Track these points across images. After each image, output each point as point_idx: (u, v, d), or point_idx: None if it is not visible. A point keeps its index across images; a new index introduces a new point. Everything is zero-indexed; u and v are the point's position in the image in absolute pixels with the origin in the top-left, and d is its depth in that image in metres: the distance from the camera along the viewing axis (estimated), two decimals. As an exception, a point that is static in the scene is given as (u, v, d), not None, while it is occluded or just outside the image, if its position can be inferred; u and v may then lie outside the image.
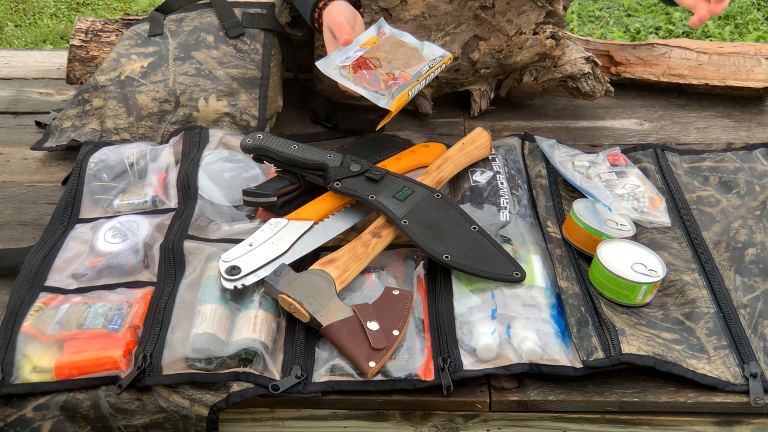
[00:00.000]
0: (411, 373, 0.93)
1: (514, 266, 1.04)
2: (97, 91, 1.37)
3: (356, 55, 1.21)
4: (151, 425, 0.92)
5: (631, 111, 1.49)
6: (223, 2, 1.42)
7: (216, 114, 1.33)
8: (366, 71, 1.20)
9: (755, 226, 1.15)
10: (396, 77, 1.20)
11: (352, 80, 1.19)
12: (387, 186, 1.11)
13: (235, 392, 0.91)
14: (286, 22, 1.42)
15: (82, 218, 1.17)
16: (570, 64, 1.39)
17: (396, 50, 1.24)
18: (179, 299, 1.00)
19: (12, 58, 1.69)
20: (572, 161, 1.25)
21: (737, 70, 1.47)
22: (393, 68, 1.21)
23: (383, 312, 0.97)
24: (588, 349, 0.95)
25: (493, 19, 1.37)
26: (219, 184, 1.19)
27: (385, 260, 1.08)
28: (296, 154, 1.14)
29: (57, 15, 3.38)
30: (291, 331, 0.98)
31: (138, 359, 0.92)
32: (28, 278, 1.04)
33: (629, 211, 1.13)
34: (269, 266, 1.02)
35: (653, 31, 3.07)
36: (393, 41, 1.26)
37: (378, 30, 1.27)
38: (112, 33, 1.50)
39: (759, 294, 1.04)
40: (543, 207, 1.17)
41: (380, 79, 1.19)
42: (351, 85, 1.19)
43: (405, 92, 1.19)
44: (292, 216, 1.10)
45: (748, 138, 1.39)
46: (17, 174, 1.33)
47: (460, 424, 0.96)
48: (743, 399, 0.92)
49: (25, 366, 0.93)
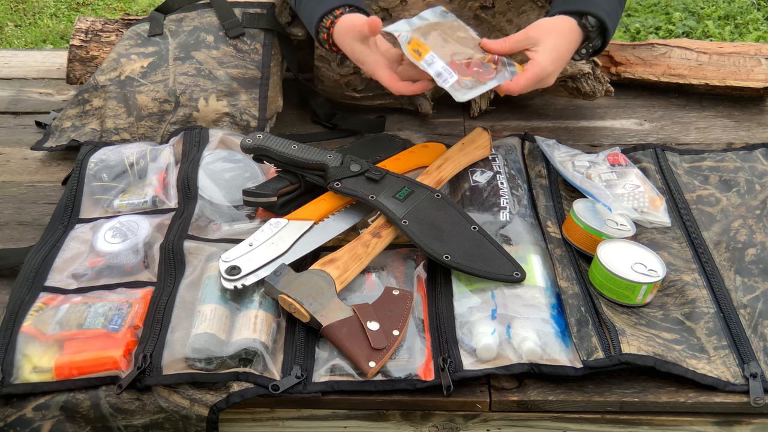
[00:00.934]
0: (411, 373, 0.93)
1: (514, 266, 1.04)
2: (97, 91, 1.37)
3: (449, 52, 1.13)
4: (151, 425, 0.92)
5: (631, 111, 1.49)
6: (223, 2, 1.42)
7: (216, 114, 1.33)
8: (475, 66, 1.14)
9: (755, 225, 1.15)
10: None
11: (471, 85, 1.11)
12: (387, 186, 1.11)
13: (235, 392, 0.91)
14: (286, 22, 1.42)
15: (82, 218, 1.17)
16: (570, 64, 1.39)
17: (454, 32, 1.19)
18: (179, 299, 1.00)
19: (12, 58, 1.69)
20: (572, 161, 1.25)
21: (737, 70, 1.47)
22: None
23: (383, 312, 0.97)
24: (588, 349, 0.95)
25: (493, 19, 1.37)
26: (219, 184, 1.19)
27: (385, 260, 1.08)
28: (296, 154, 1.14)
29: (57, 15, 3.38)
30: (291, 331, 0.98)
31: (138, 359, 0.92)
32: (28, 278, 1.04)
33: (629, 211, 1.13)
34: (269, 266, 1.02)
35: (653, 31, 3.07)
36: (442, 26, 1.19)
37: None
38: (112, 33, 1.50)
39: (759, 294, 1.04)
40: (543, 207, 1.17)
41: (488, 65, 1.14)
42: (482, 88, 1.11)
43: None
44: (292, 216, 1.10)
45: (748, 138, 1.39)
46: (17, 174, 1.33)
47: (460, 424, 0.96)
48: (743, 399, 0.92)
49: (25, 366, 0.93)
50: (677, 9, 3.19)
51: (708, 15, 3.14)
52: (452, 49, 1.13)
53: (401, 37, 1.12)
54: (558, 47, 1.11)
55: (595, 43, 1.17)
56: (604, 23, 1.14)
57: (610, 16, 1.15)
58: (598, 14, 1.13)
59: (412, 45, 1.11)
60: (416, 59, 1.10)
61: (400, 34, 1.12)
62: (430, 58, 1.10)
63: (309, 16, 1.21)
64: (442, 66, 1.10)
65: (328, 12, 1.17)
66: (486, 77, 1.12)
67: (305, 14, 1.24)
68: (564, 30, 1.13)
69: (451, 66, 1.10)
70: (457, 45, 1.14)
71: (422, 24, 1.15)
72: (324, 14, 1.17)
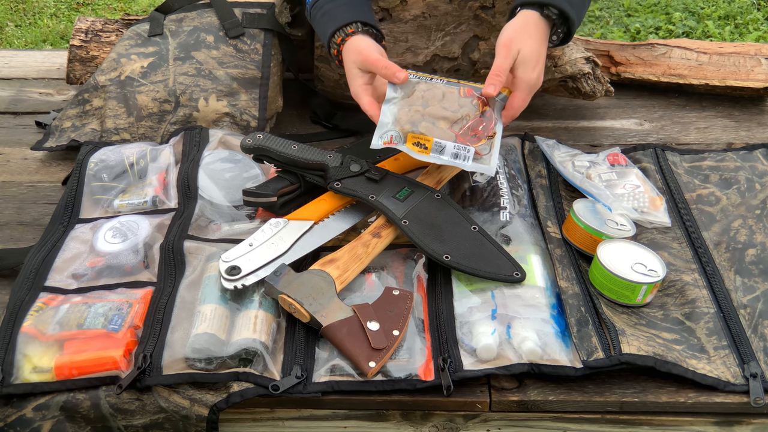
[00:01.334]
0: (411, 373, 0.93)
1: (514, 266, 1.03)
2: (97, 91, 1.37)
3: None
4: (151, 425, 0.92)
5: (631, 111, 1.49)
6: (223, 2, 1.42)
7: (216, 114, 1.33)
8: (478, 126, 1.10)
9: (755, 226, 1.15)
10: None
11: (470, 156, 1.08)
12: (387, 186, 1.11)
13: (235, 392, 0.91)
14: (286, 22, 1.42)
15: (82, 218, 1.17)
16: (570, 64, 1.39)
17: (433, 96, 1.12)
18: (179, 299, 1.00)
19: (12, 58, 1.69)
20: (572, 161, 1.25)
21: (737, 70, 1.47)
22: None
23: (383, 312, 0.97)
24: (588, 349, 0.95)
25: (493, 19, 1.37)
26: (219, 184, 1.19)
27: (385, 260, 1.08)
28: (296, 154, 1.14)
29: (57, 15, 3.38)
30: (291, 331, 0.98)
31: (138, 359, 0.92)
32: (28, 278, 1.04)
33: (629, 211, 1.13)
34: (269, 266, 1.02)
35: (653, 31, 3.07)
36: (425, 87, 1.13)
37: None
38: (112, 33, 1.50)
39: (759, 294, 1.04)
40: (543, 207, 1.17)
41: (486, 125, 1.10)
42: (497, 140, 1.09)
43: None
44: (292, 216, 1.10)
45: (748, 138, 1.39)
46: (17, 174, 1.33)
47: (460, 424, 0.96)
48: (743, 399, 0.92)
49: (25, 366, 0.93)
50: (677, 9, 3.19)
51: (708, 15, 3.14)
52: (440, 114, 1.09)
53: (396, 144, 1.08)
54: (534, 50, 1.10)
55: (562, 29, 1.17)
56: (565, 12, 1.13)
57: (571, 4, 1.15)
58: (558, 5, 1.13)
59: (410, 141, 1.08)
60: (425, 154, 1.07)
61: (392, 137, 1.09)
62: (438, 146, 1.08)
63: (323, 31, 1.22)
64: (453, 147, 1.08)
65: (339, 29, 1.17)
66: (491, 125, 1.10)
67: (320, 29, 1.25)
68: (531, 29, 1.12)
69: (459, 140, 1.08)
70: (442, 109, 1.10)
71: (398, 111, 1.11)
72: (335, 30, 1.18)
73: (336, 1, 1.22)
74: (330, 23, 1.19)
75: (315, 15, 1.24)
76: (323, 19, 1.22)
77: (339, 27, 1.17)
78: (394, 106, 1.11)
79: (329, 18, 1.20)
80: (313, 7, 1.25)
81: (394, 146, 1.09)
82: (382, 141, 1.09)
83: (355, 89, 1.14)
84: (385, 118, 1.10)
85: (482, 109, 1.10)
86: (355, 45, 1.15)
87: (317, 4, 1.24)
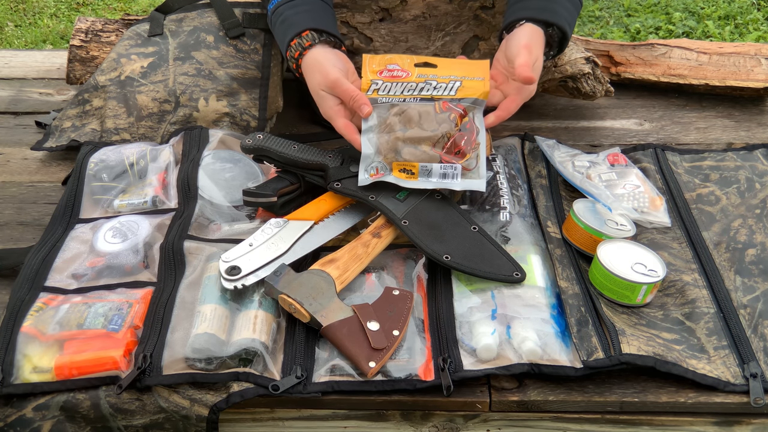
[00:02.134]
0: (411, 373, 0.93)
1: (514, 266, 1.03)
2: (97, 91, 1.37)
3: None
4: (151, 425, 0.92)
5: (631, 111, 1.49)
6: (223, 2, 1.42)
7: (216, 114, 1.33)
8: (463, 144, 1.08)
9: (755, 225, 1.15)
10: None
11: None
12: (387, 186, 1.11)
13: (235, 392, 0.91)
14: (286, 22, 1.42)
15: (82, 218, 1.17)
16: (570, 65, 1.39)
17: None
18: (179, 299, 1.00)
19: (12, 58, 1.69)
20: (572, 161, 1.25)
21: (737, 70, 1.47)
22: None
23: (383, 312, 0.97)
24: (588, 349, 0.95)
25: (493, 19, 1.37)
26: (219, 184, 1.19)
27: (385, 260, 1.08)
28: (296, 154, 1.14)
29: (57, 15, 3.38)
30: (291, 331, 0.98)
31: (138, 359, 0.92)
32: (28, 278, 1.04)
33: (629, 211, 1.13)
34: (269, 266, 1.02)
35: (653, 31, 3.07)
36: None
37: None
38: (112, 33, 1.50)
39: (759, 294, 1.04)
40: (543, 207, 1.17)
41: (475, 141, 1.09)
42: (482, 149, 1.09)
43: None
44: (292, 216, 1.10)
45: (748, 138, 1.39)
46: (17, 174, 1.33)
47: (460, 424, 0.96)
48: (743, 399, 0.92)
49: (25, 366, 0.93)
50: (677, 9, 3.19)
51: (708, 15, 3.14)
52: (421, 136, 1.07)
53: (383, 175, 1.07)
54: (540, 63, 1.13)
55: (554, 51, 1.20)
56: (566, 36, 1.16)
57: (570, 27, 1.18)
58: (562, 27, 1.15)
59: (395, 169, 1.07)
60: (413, 180, 1.06)
61: (377, 168, 1.07)
62: (425, 170, 1.07)
63: (280, 39, 1.20)
64: (440, 168, 1.07)
65: (295, 37, 1.16)
66: (473, 137, 1.09)
67: (278, 37, 1.22)
68: (538, 42, 1.13)
69: (444, 160, 1.07)
70: (421, 130, 1.08)
71: (378, 140, 1.09)
72: (291, 39, 1.16)
73: (296, 8, 1.19)
74: (288, 31, 1.17)
75: (275, 22, 1.23)
76: (281, 27, 1.20)
77: (295, 35, 1.16)
78: (374, 136, 1.10)
79: (287, 26, 1.18)
80: (273, 14, 1.23)
81: (381, 177, 1.08)
82: (369, 174, 1.08)
83: (326, 111, 1.13)
84: (366, 150, 1.09)
85: (460, 122, 1.09)
86: (316, 63, 1.12)
87: (277, 11, 1.22)
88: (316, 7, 1.21)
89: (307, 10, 1.20)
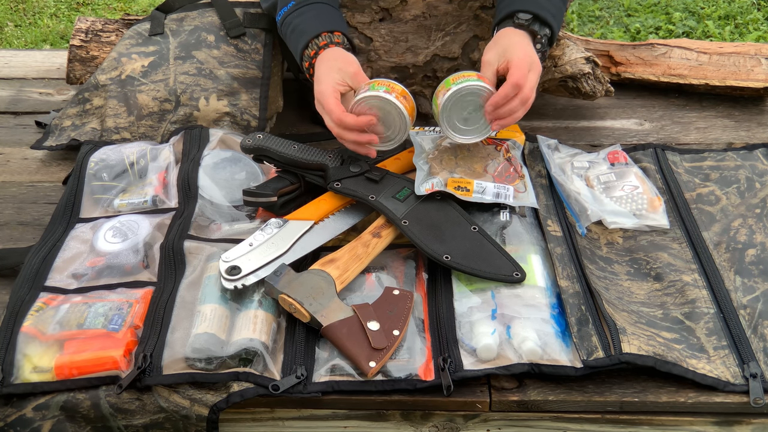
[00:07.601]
0: (411, 373, 0.93)
1: (514, 266, 1.03)
2: (98, 90, 1.37)
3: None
4: (151, 425, 0.92)
5: (631, 111, 1.49)
6: (224, 2, 1.42)
7: (216, 114, 1.33)
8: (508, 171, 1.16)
9: (755, 225, 1.15)
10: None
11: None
12: (387, 186, 1.11)
13: (235, 392, 0.91)
14: (286, 22, 1.42)
15: (82, 218, 1.17)
16: (570, 64, 1.39)
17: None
18: (179, 299, 1.00)
19: (12, 58, 1.69)
20: (571, 162, 1.25)
21: (737, 70, 1.47)
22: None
23: (383, 312, 0.97)
24: (588, 349, 0.95)
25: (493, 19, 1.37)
26: (219, 184, 1.19)
27: (385, 260, 1.08)
28: (296, 154, 1.14)
29: (57, 15, 3.38)
30: (291, 331, 0.98)
31: (138, 359, 0.92)
32: (28, 278, 1.04)
33: (626, 217, 1.13)
34: (269, 266, 1.02)
35: (653, 31, 3.07)
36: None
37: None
38: (112, 33, 1.50)
39: (759, 294, 1.04)
40: (543, 206, 1.17)
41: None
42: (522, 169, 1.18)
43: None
44: (292, 216, 1.10)
45: (748, 138, 1.39)
46: (17, 174, 1.33)
47: (460, 424, 0.96)
48: (743, 399, 0.92)
49: (25, 366, 0.93)
50: (677, 9, 3.19)
51: (708, 15, 3.14)
52: (473, 159, 1.16)
53: (436, 184, 1.11)
54: (539, 75, 1.14)
55: (544, 47, 1.20)
56: (554, 33, 1.19)
57: (554, 16, 1.18)
58: (547, 20, 1.17)
59: (450, 186, 1.11)
60: (467, 196, 1.10)
61: (433, 184, 1.10)
62: (480, 187, 1.12)
63: (294, 47, 1.21)
64: (494, 187, 1.12)
65: (310, 42, 1.17)
66: (519, 168, 1.18)
67: (292, 46, 1.23)
68: (531, 51, 1.15)
69: (497, 181, 1.14)
70: (472, 155, 1.17)
71: (431, 163, 1.15)
72: (306, 45, 1.17)
73: (304, 15, 1.20)
74: (301, 38, 1.18)
75: (286, 32, 1.24)
76: (293, 35, 1.21)
77: (309, 40, 1.16)
78: (425, 163, 1.16)
79: (299, 33, 1.19)
80: (283, 25, 1.24)
81: (437, 190, 1.11)
82: (425, 188, 1.11)
83: (326, 86, 1.11)
84: (420, 171, 1.14)
85: (506, 155, 1.18)
86: (334, 54, 1.14)
87: (286, 21, 1.22)
88: (324, 11, 1.21)
89: (317, 14, 1.20)
